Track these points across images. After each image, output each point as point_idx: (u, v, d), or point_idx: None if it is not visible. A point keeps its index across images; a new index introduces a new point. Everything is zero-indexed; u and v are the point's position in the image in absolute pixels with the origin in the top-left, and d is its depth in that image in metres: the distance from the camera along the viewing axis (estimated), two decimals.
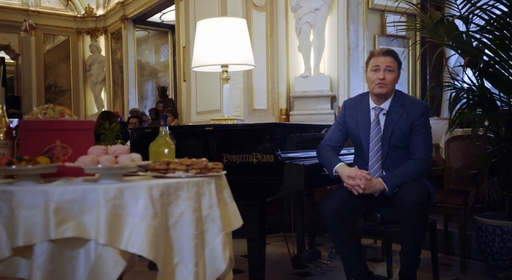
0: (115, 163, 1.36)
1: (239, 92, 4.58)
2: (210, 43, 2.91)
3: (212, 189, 1.53)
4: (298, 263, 3.13)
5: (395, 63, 2.48)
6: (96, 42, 11.10)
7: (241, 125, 2.76)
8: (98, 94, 11.13)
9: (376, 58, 2.48)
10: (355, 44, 4.72)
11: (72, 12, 11.17)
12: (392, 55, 2.49)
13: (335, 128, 2.65)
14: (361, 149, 2.57)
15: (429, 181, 2.53)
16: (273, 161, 2.50)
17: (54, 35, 11.15)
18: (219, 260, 1.51)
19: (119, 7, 9.89)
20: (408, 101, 2.52)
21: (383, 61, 2.46)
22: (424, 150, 2.47)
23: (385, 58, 2.46)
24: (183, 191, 1.43)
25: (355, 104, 2.62)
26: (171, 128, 3.71)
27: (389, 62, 2.46)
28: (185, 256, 1.42)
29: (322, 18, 4.77)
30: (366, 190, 2.37)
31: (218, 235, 1.51)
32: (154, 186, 1.35)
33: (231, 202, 1.67)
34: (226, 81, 3.01)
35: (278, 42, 4.84)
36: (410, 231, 2.31)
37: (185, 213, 1.43)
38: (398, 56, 2.53)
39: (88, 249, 1.27)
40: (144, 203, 1.32)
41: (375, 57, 2.49)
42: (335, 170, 2.44)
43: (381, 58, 2.46)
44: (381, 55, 2.47)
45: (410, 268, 2.38)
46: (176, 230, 1.42)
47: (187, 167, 1.52)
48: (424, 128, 2.48)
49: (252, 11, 4.63)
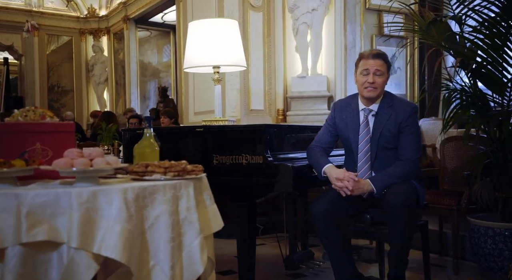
0: (90, 166, 1.36)
1: (236, 93, 4.59)
2: (202, 44, 2.92)
3: (190, 191, 1.53)
4: (290, 264, 3.13)
5: (384, 66, 2.47)
6: (99, 43, 11.15)
7: (231, 126, 2.76)
8: (100, 94, 11.18)
9: (365, 61, 2.47)
10: (352, 44, 4.70)
11: (75, 13, 11.22)
12: (382, 58, 2.48)
13: (325, 130, 2.66)
14: (351, 150, 2.57)
15: (419, 182, 2.53)
16: (262, 163, 2.50)
17: (58, 35, 11.20)
18: (196, 263, 1.51)
19: (121, 8, 9.93)
20: (397, 102, 2.52)
21: (373, 64, 2.45)
22: (413, 151, 2.47)
23: (375, 61, 2.45)
24: (159, 194, 1.43)
25: (345, 106, 2.62)
26: (163, 129, 3.74)
27: (378, 65, 2.45)
28: (161, 259, 1.42)
29: (319, 18, 4.75)
30: (354, 192, 2.37)
31: (195, 238, 1.51)
32: (129, 189, 1.36)
33: (211, 205, 1.67)
34: (218, 82, 3.01)
35: (275, 42, 4.83)
36: (398, 233, 2.30)
37: (162, 216, 1.43)
38: (388, 58, 2.52)
39: (61, 252, 1.28)
40: (118, 206, 1.32)
41: (365, 59, 2.48)
42: (323, 171, 2.45)
43: (371, 61, 2.45)
44: (371, 58, 2.46)
45: (399, 270, 2.38)
46: (152, 233, 1.42)
47: (165, 170, 1.52)
48: (412, 129, 2.47)
49: (249, 11, 4.63)
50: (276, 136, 2.70)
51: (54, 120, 1.68)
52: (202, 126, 2.80)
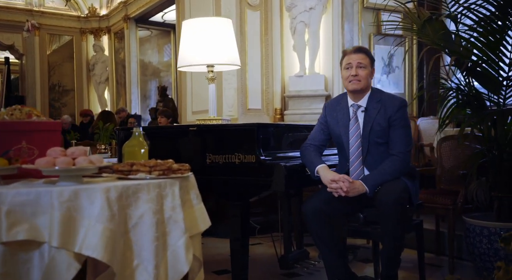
0: (73, 165, 1.35)
1: (233, 92, 4.58)
2: (196, 43, 2.91)
3: (175, 190, 1.52)
4: (285, 263, 3.12)
5: (366, 59, 2.50)
6: (100, 42, 11.16)
7: (223, 126, 2.75)
8: (101, 94, 11.19)
9: (348, 56, 2.52)
10: (350, 43, 4.68)
11: (75, 12, 11.22)
12: (364, 51, 2.53)
13: (318, 128, 2.66)
14: (342, 147, 2.57)
15: (412, 181, 2.51)
16: (255, 162, 2.50)
17: (60, 35, 11.21)
18: (181, 262, 1.50)
19: (122, 7, 9.93)
20: (385, 97, 2.54)
21: (355, 58, 2.49)
22: (403, 145, 2.46)
23: (357, 55, 2.49)
24: (143, 193, 1.42)
25: (335, 104, 2.64)
26: (156, 128, 3.73)
27: (360, 58, 2.48)
28: (145, 258, 1.42)
29: (317, 17, 4.74)
30: (349, 193, 2.36)
31: (180, 237, 1.50)
32: (112, 188, 1.35)
33: (198, 204, 1.66)
34: (212, 81, 3.00)
35: (272, 41, 4.82)
36: (390, 231, 2.29)
37: (145, 215, 1.42)
38: (370, 52, 2.57)
39: (43, 251, 1.27)
40: (100, 205, 1.31)
41: (348, 55, 2.53)
42: (317, 171, 2.44)
43: (353, 55, 2.50)
44: (353, 53, 2.51)
45: (391, 269, 2.36)
46: (136, 232, 1.41)
47: (151, 169, 1.52)
48: (402, 122, 2.48)
49: (246, 10, 4.62)
50: (269, 135, 2.69)
51: (40, 119, 1.68)
52: (196, 125, 2.79)
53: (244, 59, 4.61)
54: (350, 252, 3.54)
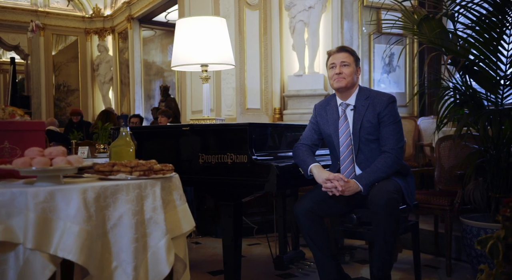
0: (50, 165, 1.34)
1: (232, 91, 4.56)
2: (189, 42, 2.89)
3: (156, 191, 1.51)
4: (280, 264, 3.10)
5: (350, 58, 2.51)
6: (104, 42, 11.20)
7: (215, 125, 2.74)
8: (106, 94, 11.23)
9: (332, 56, 2.55)
10: (349, 42, 4.65)
11: (80, 12, 11.28)
12: (347, 50, 2.55)
13: (310, 127, 2.66)
14: (333, 146, 2.56)
15: (405, 180, 2.48)
16: (247, 162, 2.48)
17: (66, 35, 11.27)
18: (162, 263, 1.48)
19: (125, 7, 9.96)
20: (373, 94, 2.54)
21: (338, 57, 2.51)
22: (395, 141, 2.44)
23: (340, 54, 2.51)
24: (122, 193, 1.41)
25: (325, 105, 2.64)
26: (150, 128, 3.71)
27: (343, 57, 2.49)
28: (123, 260, 1.40)
29: (316, 16, 4.71)
30: (345, 192, 2.34)
31: (161, 238, 1.49)
32: (89, 188, 1.34)
33: (181, 204, 1.65)
34: (206, 81, 2.99)
35: (271, 40, 4.79)
36: (382, 233, 2.26)
37: (125, 216, 1.41)
38: (355, 51, 2.58)
39: (18, 253, 1.26)
40: (76, 206, 1.30)
41: (332, 55, 2.56)
42: (310, 170, 2.42)
43: (336, 54, 2.52)
44: (336, 52, 2.53)
45: (383, 270, 2.33)
46: (114, 233, 1.40)
47: (132, 169, 1.50)
48: (391, 118, 2.46)
49: (245, 9, 4.60)
50: (262, 135, 2.67)
51: (23, 119, 1.67)
52: (188, 125, 2.78)
53: (243, 59, 4.60)
54: (347, 252, 3.52)
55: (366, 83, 4.86)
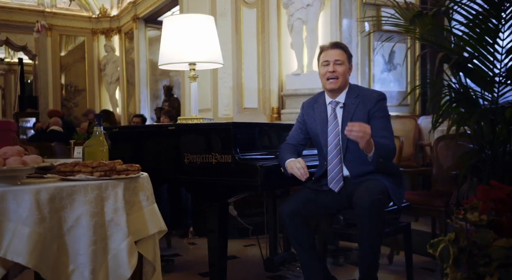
0: (3, 165, 1.31)
1: (229, 91, 4.52)
2: (177, 40, 2.86)
3: (118, 192, 1.47)
4: (270, 266, 3.05)
5: (344, 55, 2.44)
6: (110, 42, 11.24)
7: (200, 125, 2.69)
8: (112, 94, 11.27)
9: (325, 53, 2.46)
10: (348, 40, 4.58)
11: (87, 13, 11.33)
12: (341, 47, 2.46)
13: (296, 127, 2.60)
14: (320, 146, 2.50)
15: (392, 181, 2.41)
16: (231, 162, 2.43)
17: (73, 36, 11.33)
18: (123, 266, 1.44)
19: (131, 7, 9.98)
20: (363, 92, 2.48)
21: (332, 54, 2.43)
22: (387, 132, 2.37)
23: (334, 50, 2.43)
24: (79, 194, 1.37)
25: (312, 103, 2.57)
26: (136, 128, 3.69)
27: (337, 55, 2.42)
28: (81, 263, 1.36)
29: (315, 14, 4.64)
30: (364, 143, 2.15)
31: (122, 240, 1.44)
32: (43, 190, 1.30)
33: (148, 205, 1.60)
34: (194, 80, 2.95)
35: (269, 39, 4.74)
36: (366, 235, 2.20)
37: (82, 217, 1.37)
38: (348, 48, 2.48)
39: None
40: (28, 208, 1.26)
41: (325, 51, 2.47)
42: (285, 166, 2.36)
43: (330, 51, 2.44)
44: (330, 49, 2.45)
45: (369, 273, 2.27)
46: (71, 235, 1.36)
47: (93, 169, 1.46)
48: (382, 113, 2.40)
49: (242, 8, 4.55)
50: (247, 134, 2.62)
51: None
52: (174, 124, 2.74)
53: (240, 58, 4.55)
54: (341, 254, 3.45)
55: (366, 81, 4.79)
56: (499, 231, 1.00)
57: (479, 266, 0.99)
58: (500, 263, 0.94)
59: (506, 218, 0.96)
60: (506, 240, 0.94)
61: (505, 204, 0.93)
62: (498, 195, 0.93)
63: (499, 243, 0.95)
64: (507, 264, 0.93)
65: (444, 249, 1.00)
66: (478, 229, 1.01)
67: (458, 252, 1.01)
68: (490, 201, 0.93)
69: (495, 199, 0.93)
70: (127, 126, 4.37)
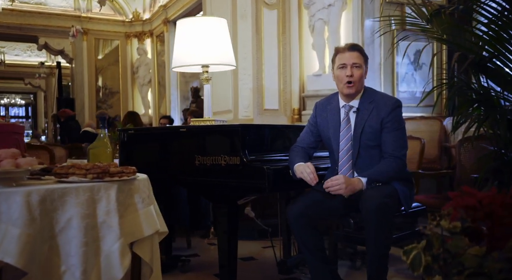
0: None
1: (249, 92, 4.52)
2: (189, 43, 2.88)
3: (111, 194, 1.49)
4: (284, 268, 3.04)
5: (361, 58, 2.38)
6: (143, 45, 11.46)
7: (209, 127, 2.71)
8: (145, 95, 11.49)
9: (341, 55, 2.39)
10: (370, 40, 4.50)
11: (120, 17, 11.60)
12: (358, 49, 2.40)
13: (307, 129, 2.57)
14: (332, 150, 2.46)
15: (405, 184, 2.35)
16: (239, 164, 2.44)
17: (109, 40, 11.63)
18: (115, 268, 1.47)
19: (162, 10, 10.14)
20: (378, 97, 2.40)
21: (349, 57, 2.36)
22: (398, 147, 2.32)
23: (351, 54, 2.37)
24: (70, 196, 1.40)
25: (326, 104, 2.52)
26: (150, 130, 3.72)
27: (355, 58, 2.36)
28: (72, 264, 1.40)
29: (337, 14, 4.58)
30: (346, 190, 2.21)
31: (115, 242, 1.47)
32: (33, 191, 1.34)
33: (143, 208, 1.62)
34: (207, 82, 2.97)
35: (290, 40, 4.71)
36: (373, 239, 2.16)
37: (73, 219, 1.40)
38: (364, 50, 2.41)
39: None
40: (18, 209, 1.30)
41: (341, 53, 2.40)
42: (294, 170, 2.34)
43: (347, 54, 2.37)
44: (347, 51, 2.38)
45: (378, 275, 2.22)
46: (63, 237, 1.40)
47: (87, 172, 1.50)
48: (395, 125, 2.33)
49: (262, 9, 4.55)
50: (256, 136, 2.62)
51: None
52: (185, 126, 2.77)
53: (260, 59, 4.55)
54: (359, 258, 3.40)
55: (389, 81, 4.69)
56: (475, 239, 0.96)
57: (453, 275, 0.96)
58: (470, 272, 0.90)
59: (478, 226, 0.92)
60: (479, 248, 0.90)
61: (476, 211, 0.89)
62: (468, 202, 0.89)
63: (472, 251, 0.91)
64: (477, 273, 0.89)
65: (416, 257, 0.96)
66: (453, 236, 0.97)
67: (432, 260, 0.97)
68: (460, 208, 0.90)
69: (465, 206, 0.89)
70: (141, 128, 4.39)
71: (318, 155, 2.74)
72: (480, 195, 0.88)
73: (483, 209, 0.87)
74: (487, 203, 0.87)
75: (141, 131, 3.18)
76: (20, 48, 16.05)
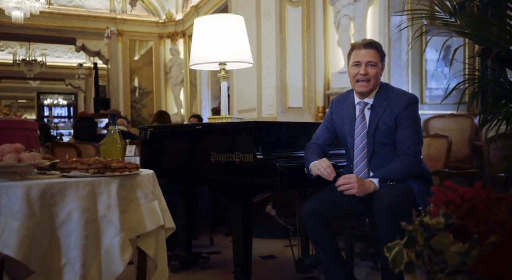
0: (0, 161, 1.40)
1: (272, 90, 4.50)
2: (207, 41, 2.89)
3: (112, 189, 1.51)
4: (301, 267, 3.01)
5: (377, 56, 2.31)
6: (176, 46, 11.62)
7: (223, 124, 2.70)
8: (177, 95, 11.64)
9: (357, 52, 2.33)
10: (397, 36, 4.39)
11: (154, 18, 11.80)
12: (374, 47, 2.32)
13: (323, 126, 2.54)
14: (347, 147, 2.42)
15: (421, 183, 2.27)
16: (252, 161, 2.43)
17: (146, 41, 11.87)
18: (116, 262, 1.48)
19: (194, 11, 10.26)
20: (393, 93, 2.33)
21: (365, 55, 2.30)
22: (413, 144, 2.26)
23: (367, 51, 2.30)
24: (70, 190, 1.43)
25: (342, 101, 2.48)
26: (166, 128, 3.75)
27: (370, 56, 2.29)
28: (71, 257, 1.42)
29: (363, 9, 4.50)
30: (359, 190, 2.18)
31: (115, 236, 1.49)
32: (33, 185, 1.37)
33: (146, 203, 1.64)
34: (224, 79, 2.97)
35: (315, 37, 4.66)
36: (385, 239, 2.09)
37: (73, 213, 1.43)
38: (381, 47, 2.34)
39: None
40: (18, 203, 1.34)
41: (356, 50, 2.34)
42: (310, 168, 2.31)
43: (363, 51, 2.31)
44: (362, 48, 2.32)
45: (390, 277, 2.16)
46: (63, 230, 1.42)
47: (88, 167, 1.52)
48: (410, 121, 2.26)
49: (286, 7, 4.52)
50: (270, 134, 2.60)
51: (9, 117, 1.76)
52: (201, 123, 2.78)
53: (284, 57, 4.52)
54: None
55: (417, 77, 4.57)
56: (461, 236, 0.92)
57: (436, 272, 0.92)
58: (452, 269, 0.86)
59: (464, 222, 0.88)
60: (461, 245, 0.86)
61: (458, 206, 0.84)
62: (449, 198, 0.85)
63: (454, 249, 0.87)
64: (458, 271, 0.85)
65: (398, 254, 0.93)
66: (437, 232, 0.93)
67: (416, 257, 0.94)
68: (441, 203, 0.85)
69: (446, 201, 0.85)
70: (159, 125, 4.41)
71: (335, 153, 2.70)
72: (462, 190, 0.83)
73: (465, 204, 0.82)
74: (469, 198, 0.82)
75: (159, 129, 3.21)
76: (61, 50, 16.58)
